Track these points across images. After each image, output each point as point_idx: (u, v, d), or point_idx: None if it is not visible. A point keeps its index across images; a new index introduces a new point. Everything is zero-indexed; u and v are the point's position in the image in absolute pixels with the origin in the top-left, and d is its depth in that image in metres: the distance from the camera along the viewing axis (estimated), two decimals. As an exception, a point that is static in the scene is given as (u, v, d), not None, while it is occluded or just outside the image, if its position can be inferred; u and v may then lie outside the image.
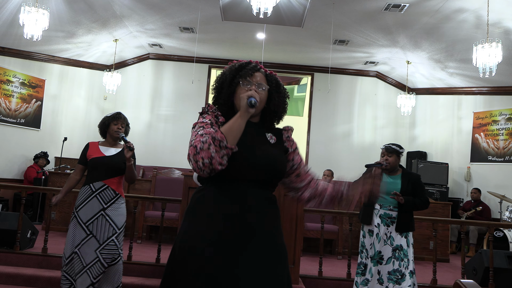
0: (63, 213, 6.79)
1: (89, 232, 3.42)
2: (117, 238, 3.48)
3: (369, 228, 3.91)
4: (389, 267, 3.72)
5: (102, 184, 3.52)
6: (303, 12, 7.55)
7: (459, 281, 1.63)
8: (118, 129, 3.66)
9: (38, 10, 6.43)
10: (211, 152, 1.63)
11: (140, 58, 10.67)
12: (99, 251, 3.40)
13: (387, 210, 3.85)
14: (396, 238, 3.78)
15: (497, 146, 8.87)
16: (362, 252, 3.92)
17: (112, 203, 3.51)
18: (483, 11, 6.43)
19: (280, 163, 1.85)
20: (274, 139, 1.92)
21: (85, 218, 3.45)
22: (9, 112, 8.67)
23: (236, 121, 1.73)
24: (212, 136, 1.66)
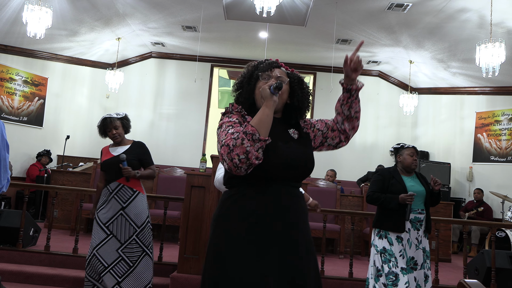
0: (66, 211, 6.80)
1: (109, 233, 3.46)
2: (138, 237, 3.52)
3: (397, 235, 3.62)
4: (422, 271, 3.60)
5: (117, 184, 3.56)
6: (306, 11, 7.54)
7: (463, 281, 1.62)
8: (113, 134, 3.68)
9: (41, 8, 6.45)
10: (245, 146, 1.60)
11: (143, 56, 10.67)
12: (121, 250, 3.43)
13: (417, 213, 3.67)
14: (423, 241, 3.67)
15: (500, 146, 8.85)
16: (390, 261, 3.59)
17: (131, 201, 3.54)
18: (487, 10, 6.41)
19: (308, 160, 1.84)
20: (297, 133, 1.90)
21: (105, 219, 3.48)
22: (11, 110, 8.69)
23: (264, 112, 1.70)
24: (244, 131, 1.63)
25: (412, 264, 3.62)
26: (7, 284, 4.06)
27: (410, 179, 3.80)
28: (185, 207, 4.35)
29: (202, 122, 10.58)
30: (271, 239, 1.70)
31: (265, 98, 1.74)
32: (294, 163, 1.77)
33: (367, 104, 10.70)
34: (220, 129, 1.76)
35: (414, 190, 3.67)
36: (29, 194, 5.05)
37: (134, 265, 3.48)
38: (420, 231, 3.67)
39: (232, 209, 1.77)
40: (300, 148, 1.84)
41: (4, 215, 4.93)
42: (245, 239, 1.70)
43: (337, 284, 4.69)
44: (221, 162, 1.66)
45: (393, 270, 3.56)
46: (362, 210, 6.72)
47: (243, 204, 1.75)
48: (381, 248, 3.64)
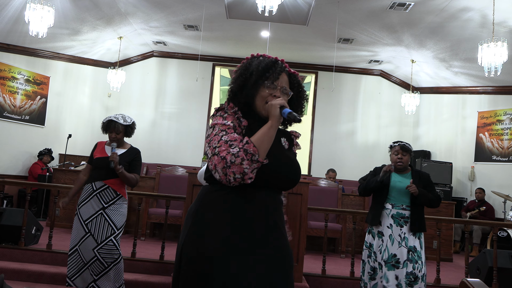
0: (68, 210, 6.80)
1: (87, 231, 3.45)
2: (116, 238, 3.49)
3: (378, 230, 3.69)
4: (404, 270, 3.52)
5: (102, 184, 3.54)
6: (308, 10, 7.54)
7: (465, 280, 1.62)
8: (113, 138, 3.69)
9: (43, 7, 6.45)
10: (244, 168, 1.56)
11: (145, 55, 10.68)
12: (97, 250, 3.41)
13: (400, 209, 3.68)
14: (410, 239, 3.60)
15: (502, 146, 8.84)
16: (371, 256, 3.68)
17: (113, 203, 3.53)
18: (489, 10, 6.40)
19: (297, 171, 1.80)
20: (287, 144, 1.87)
21: (85, 216, 3.48)
22: (13, 108, 8.70)
23: (269, 133, 1.65)
24: (245, 149, 1.57)
25: (394, 261, 3.56)
26: (10, 282, 4.07)
27: (401, 176, 3.81)
28: (186, 206, 4.36)
29: (203, 121, 10.58)
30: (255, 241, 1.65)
31: (272, 117, 1.68)
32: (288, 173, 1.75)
33: (368, 103, 10.70)
34: (212, 130, 1.69)
35: (398, 186, 3.73)
36: (31, 192, 5.07)
37: (109, 266, 3.43)
38: (404, 228, 3.64)
39: (215, 201, 1.69)
40: (290, 158, 1.81)
41: (6, 214, 4.95)
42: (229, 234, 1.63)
43: (338, 283, 4.69)
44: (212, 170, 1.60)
45: (372, 264, 3.67)
46: (363, 210, 6.72)
47: (227, 198, 1.67)
48: (368, 243, 3.76)
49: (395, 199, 3.72)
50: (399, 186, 3.73)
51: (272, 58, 1.86)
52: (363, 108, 10.69)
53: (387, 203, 3.74)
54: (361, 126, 10.63)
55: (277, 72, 1.80)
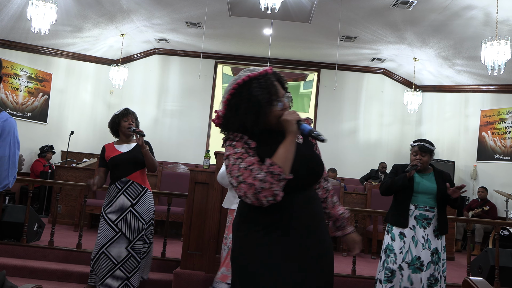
0: (69, 207, 6.82)
1: (118, 230, 3.45)
2: (145, 233, 3.55)
3: (400, 231, 3.56)
4: (428, 272, 3.45)
5: (127, 181, 3.55)
6: (311, 8, 7.52)
7: (468, 278, 1.62)
8: (130, 124, 3.67)
9: (45, 4, 6.46)
10: (274, 190, 1.60)
11: (147, 53, 10.68)
12: (131, 248, 3.44)
13: (423, 210, 3.56)
14: (433, 241, 3.51)
15: (504, 145, 8.81)
16: (389, 257, 3.56)
17: (140, 198, 3.55)
18: (492, 8, 6.38)
19: (316, 163, 1.85)
20: (301, 138, 1.88)
21: (113, 217, 3.48)
22: (16, 105, 8.71)
23: (290, 149, 1.68)
24: (271, 172, 1.60)
25: (419, 264, 3.47)
26: (11, 278, 4.07)
27: (422, 176, 3.69)
28: (188, 204, 4.36)
29: (205, 118, 10.58)
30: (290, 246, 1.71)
31: (290, 133, 1.71)
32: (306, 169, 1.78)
33: (371, 101, 10.68)
34: (228, 161, 1.70)
35: (421, 186, 3.61)
36: (33, 189, 5.07)
37: (141, 260, 3.51)
38: (427, 230, 3.54)
39: (249, 219, 1.76)
40: (308, 151, 1.85)
41: (9, 210, 4.95)
42: (268, 244, 1.70)
43: (340, 282, 4.68)
44: (242, 197, 1.64)
45: (390, 266, 3.53)
46: (365, 208, 6.71)
47: (260, 214, 1.72)
48: (386, 244, 3.63)
49: (418, 200, 3.60)
50: (422, 187, 3.62)
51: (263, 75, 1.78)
52: (366, 106, 10.67)
53: (410, 204, 3.62)
54: (364, 124, 10.62)
55: (275, 87, 1.77)
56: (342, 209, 2.04)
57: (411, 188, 3.61)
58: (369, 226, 6.55)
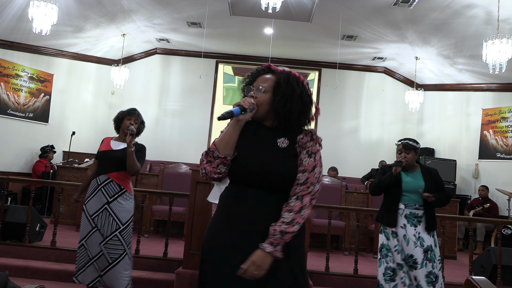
0: (71, 207, 6.83)
1: (94, 225, 3.45)
2: (121, 234, 3.48)
3: (392, 230, 3.61)
4: (424, 270, 3.46)
5: (106, 178, 3.52)
6: (311, 7, 7.52)
7: (471, 277, 1.62)
8: (131, 124, 3.67)
9: (47, 5, 6.46)
10: (204, 165, 1.81)
11: (148, 52, 10.68)
12: (103, 245, 3.42)
13: (413, 209, 3.61)
14: (425, 239, 3.54)
15: (506, 143, 8.80)
16: (387, 256, 3.61)
17: (116, 198, 3.51)
18: (494, 6, 6.37)
19: (283, 170, 1.79)
20: (287, 143, 1.84)
21: (91, 211, 3.48)
22: (17, 106, 8.72)
23: (227, 131, 1.82)
24: (208, 149, 1.81)
25: (411, 262, 3.50)
26: (14, 279, 4.08)
27: (411, 174, 3.72)
28: (190, 203, 4.36)
29: (207, 118, 10.58)
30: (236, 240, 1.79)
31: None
32: (262, 170, 1.79)
33: (372, 100, 10.68)
34: None
35: (409, 185, 3.64)
36: (35, 190, 5.08)
37: (114, 262, 3.43)
38: (418, 228, 3.57)
39: (219, 202, 1.93)
40: (275, 158, 1.81)
41: (11, 211, 4.96)
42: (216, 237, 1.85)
43: (342, 281, 4.69)
44: None
45: (390, 265, 3.56)
46: (367, 207, 6.71)
47: (224, 201, 1.90)
48: (381, 243, 3.69)
49: (407, 199, 3.64)
50: (411, 186, 3.64)
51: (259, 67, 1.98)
52: (367, 105, 10.66)
53: (400, 203, 3.65)
54: (365, 123, 10.61)
55: (254, 74, 1.93)
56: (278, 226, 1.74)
57: (399, 187, 3.65)
58: (371, 225, 6.55)
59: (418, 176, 3.71)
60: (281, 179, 1.79)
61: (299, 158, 1.82)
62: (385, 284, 3.56)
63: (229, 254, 1.78)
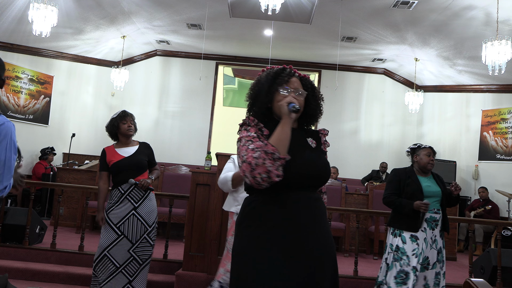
0: (71, 209, 6.83)
1: (120, 233, 3.45)
2: (149, 235, 3.54)
3: (412, 234, 3.63)
4: (433, 271, 3.61)
5: (129, 186, 3.54)
6: (311, 8, 7.52)
7: (469, 280, 1.62)
8: (129, 127, 3.66)
9: (46, 7, 6.47)
10: (267, 166, 1.65)
11: (148, 54, 10.69)
12: (133, 251, 3.44)
13: (433, 213, 3.68)
14: (439, 241, 3.67)
15: (506, 145, 8.80)
16: (401, 259, 3.60)
17: (143, 200, 3.55)
18: (493, 8, 6.38)
19: (324, 168, 1.90)
20: (314, 143, 1.96)
21: (116, 220, 3.47)
22: (17, 108, 8.73)
23: (283, 129, 1.76)
24: (264, 150, 1.68)
25: (426, 263, 3.62)
26: (14, 281, 4.09)
27: (427, 180, 3.81)
28: (190, 205, 4.36)
29: (207, 120, 10.58)
30: (291, 243, 1.75)
31: (283, 115, 1.80)
32: (313, 171, 1.83)
33: (372, 102, 10.68)
34: (239, 143, 1.80)
35: (430, 191, 3.70)
36: (35, 192, 5.08)
37: (144, 263, 3.49)
38: (435, 231, 3.67)
39: (251, 214, 1.82)
40: (317, 156, 1.91)
41: (11, 213, 4.96)
42: (266, 242, 1.75)
43: (342, 282, 4.66)
44: (244, 177, 1.71)
45: (404, 268, 3.56)
46: (367, 208, 6.71)
47: (263, 210, 1.80)
48: (395, 247, 3.66)
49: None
50: (430, 190, 3.73)
51: (280, 68, 1.97)
52: (367, 107, 10.66)
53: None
54: (365, 125, 10.61)
55: (286, 77, 1.91)
56: None
57: (421, 193, 3.69)
58: (371, 227, 6.55)
59: (432, 181, 3.83)
60: (327, 178, 1.91)
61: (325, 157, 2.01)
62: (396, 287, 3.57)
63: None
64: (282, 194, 1.78)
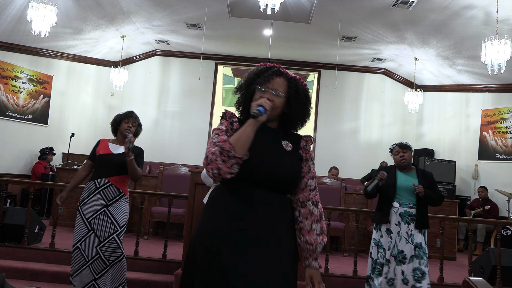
0: (71, 209, 6.82)
1: (90, 228, 3.43)
2: (118, 236, 3.48)
3: (387, 227, 3.84)
4: (411, 266, 3.70)
5: (106, 181, 3.52)
6: (310, 8, 7.52)
7: (468, 278, 1.61)
8: (128, 127, 3.66)
9: (46, 7, 6.46)
10: (218, 164, 1.70)
11: (147, 54, 10.68)
12: (100, 248, 3.40)
13: (407, 207, 3.82)
14: (416, 236, 3.76)
15: (505, 144, 8.80)
16: (379, 252, 3.84)
17: (115, 201, 3.51)
18: (492, 7, 6.37)
19: (292, 173, 1.86)
20: (290, 146, 1.91)
21: (88, 214, 3.46)
22: (17, 108, 8.72)
23: (245, 130, 1.76)
24: (221, 147, 1.71)
25: (401, 257, 3.73)
26: (12, 281, 4.08)
27: (406, 175, 3.95)
28: (189, 205, 4.35)
29: (206, 120, 10.58)
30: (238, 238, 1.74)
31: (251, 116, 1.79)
32: (275, 174, 1.81)
33: (371, 101, 10.67)
34: (212, 134, 1.85)
35: (405, 185, 3.86)
36: (34, 191, 5.08)
37: (110, 264, 3.42)
38: (411, 225, 3.79)
39: (211, 205, 1.86)
40: (286, 160, 1.86)
41: (10, 213, 4.96)
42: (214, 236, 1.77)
43: (341, 282, 4.68)
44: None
45: (381, 260, 3.80)
46: (366, 208, 6.70)
47: (219, 201, 1.84)
48: (376, 241, 3.89)
49: (402, 198, 3.85)
50: (405, 185, 3.86)
51: (267, 65, 1.94)
52: (366, 107, 10.66)
53: (394, 202, 3.86)
54: (364, 125, 10.61)
55: (268, 76, 1.88)
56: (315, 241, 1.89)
57: (394, 187, 3.87)
58: (370, 227, 6.54)
59: (413, 176, 3.95)
60: (293, 181, 1.87)
61: (306, 163, 1.93)
62: (375, 278, 3.79)
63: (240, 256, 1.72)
64: (245, 188, 1.79)
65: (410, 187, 3.83)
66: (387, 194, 3.88)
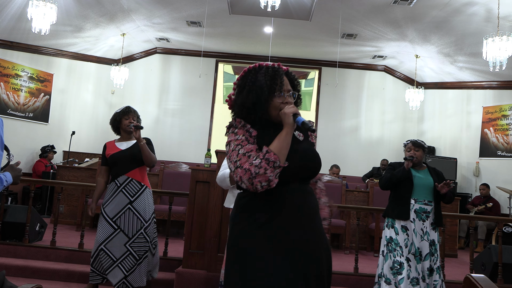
0: (71, 207, 6.83)
1: (116, 227, 3.46)
2: (145, 231, 3.54)
3: (402, 224, 3.77)
4: (427, 263, 3.68)
5: (125, 178, 3.56)
6: (311, 5, 7.50)
7: (469, 275, 1.60)
8: (130, 123, 3.68)
9: (46, 4, 6.45)
10: (268, 176, 1.69)
11: (148, 52, 10.67)
12: (129, 245, 3.44)
13: (422, 204, 3.80)
14: (431, 233, 3.75)
15: (507, 141, 8.78)
16: (395, 250, 3.72)
17: (139, 195, 3.54)
18: (494, 4, 6.35)
19: (315, 158, 1.91)
20: (301, 135, 1.95)
21: (112, 214, 3.49)
22: (17, 106, 8.72)
23: (285, 140, 1.77)
24: (266, 159, 1.70)
25: (418, 254, 3.70)
26: (13, 279, 4.08)
27: (419, 172, 3.93)
28: (190, 203, 4.35)
29: (207, 117, 10.57)
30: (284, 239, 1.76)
31: (287, 125, 1.79)
32: (306, 162, 1.85)
33: (372, 99, 10.66)
34: (229, 147, 1.81)
35: (419, 182, 3.83)
36: (35, 189, 5.08)
37: (141, 259, 3.50)
38: (426, 223, 3.75)
39: (244, 209, 1.84)
40: (308, 147, 1.91)
41: (11, 211, 4.96)
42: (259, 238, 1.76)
43: (342, 279, 4.67)
44: (238, 182, 1.72)
45: (398, 259, 3.69)
46: (367, 205, 6.70)
47: (255, 205, 1.80)
48: (388, 238, 3.80)
49: (417, 194, 3.83)
50: (420, 182, 3.85)
51: (273, 66, 1.92)
52: (367, 104, 10.64)
53: (410, 198, 3.83)
54: (365, 122, 10.59)
55: (282, 80, 1.88)
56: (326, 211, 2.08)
57: (411, 182, 3.83)
58: (371, 224, 6.54)
59: (427, 173, 3.95)
60: (319, 167, 1.94)
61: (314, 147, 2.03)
62: (392, 278, 3.67)
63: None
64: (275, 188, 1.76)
65: (426, 183, 3.83)
66: (404, 190, 3.84)
